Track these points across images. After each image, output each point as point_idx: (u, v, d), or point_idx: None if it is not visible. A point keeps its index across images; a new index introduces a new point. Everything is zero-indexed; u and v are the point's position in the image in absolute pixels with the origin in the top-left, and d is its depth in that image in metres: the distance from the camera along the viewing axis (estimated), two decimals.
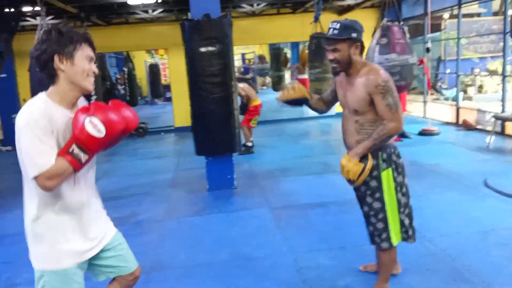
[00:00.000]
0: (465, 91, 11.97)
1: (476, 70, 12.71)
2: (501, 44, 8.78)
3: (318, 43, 8.29)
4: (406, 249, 3.14)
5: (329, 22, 2.42)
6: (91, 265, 1.88)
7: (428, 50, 8.11)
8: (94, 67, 1.74)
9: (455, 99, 8.96)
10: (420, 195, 4.59)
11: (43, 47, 1.66)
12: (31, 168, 1.58)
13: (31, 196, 1.71)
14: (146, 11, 9.35)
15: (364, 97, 2.36)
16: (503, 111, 7.27)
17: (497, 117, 6.68)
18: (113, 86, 13.46)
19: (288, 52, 20.90)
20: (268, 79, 20.17)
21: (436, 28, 15.49)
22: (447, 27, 13.59)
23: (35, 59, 1.70)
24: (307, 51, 10.13)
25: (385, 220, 2.49)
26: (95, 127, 1.61)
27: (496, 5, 15.23)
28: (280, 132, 9.49)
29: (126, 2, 8.29)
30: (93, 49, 1.76)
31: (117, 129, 1.67)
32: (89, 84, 1.73)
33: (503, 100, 7.43)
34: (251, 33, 10.70)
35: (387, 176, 2.47)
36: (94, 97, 6.98)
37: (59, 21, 9.30)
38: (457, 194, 4.57)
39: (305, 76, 11.65)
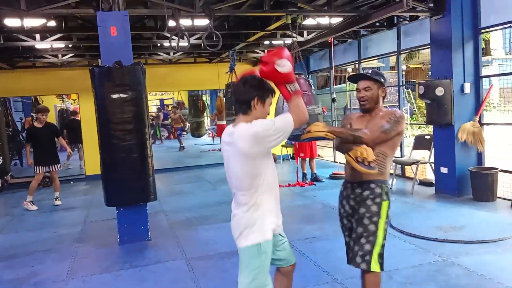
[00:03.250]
0: None
1: None
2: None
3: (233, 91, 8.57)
4: None
5: (243, 72, 2.53)
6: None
7: (333, 100, 8.77)
8: (269, 111, 2.40)
9: None
10: (332, 237, 4.78)
11: (250, 89, 2.31)
12: (288, 122, 2.25)
13: (254, 189, 2.31)
14: (56, 56, 8.98)
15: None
16: (401, 155, 7.99)
17: (396, 162, 7.30)
18: (16, 132, 12.48)
19: (208, 99, 21.24)
20: (187, 125, 20.18)
21: (342, 79, 16.90)
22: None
23: (240, 95, 2.33)
24: (223, 99, 10.38)
25: (373, 244, 2.65)
26: (282, 63, 2.24)
27: (392, 60, 17.09)
28: (198, 178, 9.39)
29: (33, 46, 7.91)
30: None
31: (292, 61, 2.31)
32: None
33: (400, 146, 8.17)
34: (168, 80, 10.75)
35: (385, 206, 2.70)
36: None
37: None
38: None
39: (224, 122, 11.85)
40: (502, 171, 6.02)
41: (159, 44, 8.69)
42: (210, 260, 4.34)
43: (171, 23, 6.70)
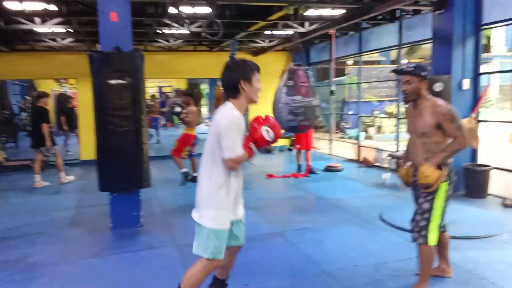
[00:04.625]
0: (366, 131, 13.02)
1: (376, 112, 13.93)
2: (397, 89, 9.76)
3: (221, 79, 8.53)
4: (305, 286, 3.26)
5: None
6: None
7: (332, 92, 8.75)
8: (260, 86, 2.57)
9: (357, 138, 9.68)
10: (323, 229, 4.81)
11: (233, 74, 2.49)
12: (228, 152, 2.43)
13: (216, 175, 2.51)
14: (55, 40, 8.93)
15: (432, 123, 2.97)
16: (397, 150, 8.00)
17: (392, 156, 7.32)
18: (13, 115, 12.47)
19: (207, 88, 21.18)
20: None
21: (342, 72, 16.84)
22: (351, 72, 14.85)
23: (225, 82, 2.52)
24: (221, 88, 10.36)
25: (428, 220, 3.03)
26: (268, 133, 2.50)
27: (394, 54, 17.02)
28: (196, 167, 9.38)
29: (32, 29, 7.86)
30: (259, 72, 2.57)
31: (276, 140, 2.57)
32: (257, 98, 2.58)
33: (397, 140, 8.19)
34: (167, 67, 10.71)
35: (443, 186, 3.00)
36: None
37: None
38: (356, 227, 4.86)
39: None
40: (495, 168, 6.04)
41: (159, 31, 8.64)
42: None
43: (172, 10, 6.66)
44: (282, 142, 11.02)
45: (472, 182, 5.99)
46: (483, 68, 6.48)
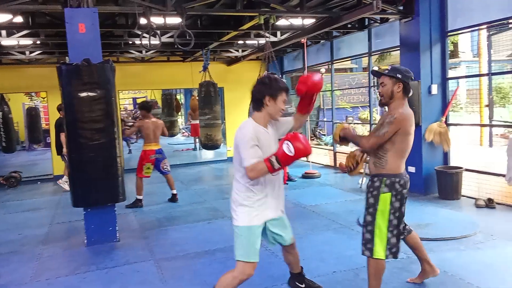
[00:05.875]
0: None
1: (350, 119, 14.14)
2: None
3: (207, 91, 8.48)
4: None
5: (218, 72, 2.76)
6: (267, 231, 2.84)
7: None
8: (284, 107, 2.71)
9: (333, 144, 9.79)
10: (301, 236, 4.82)
11: (261, 88, 2.65)
12: (243, 162, 2.56)
13: (241, 181, 2.68)
14: (23, 52, 8.72)
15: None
16: None
17: (366, 161, 7.42)
18: None
19: (182, 98, 21.05)
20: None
21: None
22: (324, 80, 15.09)
23: (253, 94, 2.68)
24: (197, 98, 10.30)
25: (372, 233, 2.91)
26: (288, 147, 2.48)
27: (365, 61, 17.35)
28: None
29: None
30: (287, 94, 2.73)
31: (301, 154, 2.50)
32: (278, 116, 2.75)
33: None
34: (140, 78, 10.60)
35: (384, 198, 2.88)
36: None
37: None
38: (334, 233, 4.90)
39: (197, 121, 11.78)
40: (466, 170, 6.21)
41: (130, 42, 8.55)
42: (179, 261, 4.30)
43: (143, 20, 6.61)
44: None
45: (445, 184, 6.14)
46: (451, 73, 6.68)
